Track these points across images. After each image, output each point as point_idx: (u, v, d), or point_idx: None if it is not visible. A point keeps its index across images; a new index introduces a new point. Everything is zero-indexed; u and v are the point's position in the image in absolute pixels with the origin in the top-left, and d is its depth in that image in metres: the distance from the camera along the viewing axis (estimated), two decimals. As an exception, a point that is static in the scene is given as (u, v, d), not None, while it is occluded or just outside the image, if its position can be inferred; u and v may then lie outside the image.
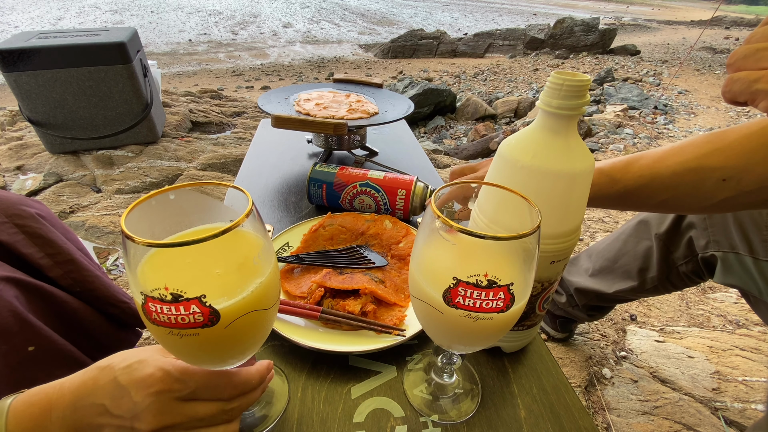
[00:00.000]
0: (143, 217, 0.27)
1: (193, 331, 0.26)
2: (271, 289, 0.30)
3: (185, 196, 0.30)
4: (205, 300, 0.25)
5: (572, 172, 0.33)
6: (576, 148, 0.34)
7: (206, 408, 0.32)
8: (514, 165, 0.35)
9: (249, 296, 0.28)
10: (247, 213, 0.27)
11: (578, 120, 0.34)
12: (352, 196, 0.68)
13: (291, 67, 6.68)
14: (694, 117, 3.48)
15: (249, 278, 0.28)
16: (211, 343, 0.28)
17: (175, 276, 0.25)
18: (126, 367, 0.30)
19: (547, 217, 0.31)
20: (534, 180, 0.34)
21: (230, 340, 0.29)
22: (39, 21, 9.41)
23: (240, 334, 0.29)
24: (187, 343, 0.27)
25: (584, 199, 0.36)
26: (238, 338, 0.29)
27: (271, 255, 0.31)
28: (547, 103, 0.32)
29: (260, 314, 0.29)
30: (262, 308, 0.29)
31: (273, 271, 0.31)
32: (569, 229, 0.36)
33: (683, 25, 12.59)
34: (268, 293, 0.30)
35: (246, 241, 0.28)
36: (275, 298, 0.32)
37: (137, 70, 1.65)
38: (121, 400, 0.29)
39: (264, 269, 0.29)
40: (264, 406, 0.41)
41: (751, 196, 0.42)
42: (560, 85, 0.31)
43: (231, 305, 0.27)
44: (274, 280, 0.31)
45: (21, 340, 0.43)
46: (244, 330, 0.29)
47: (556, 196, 0.34)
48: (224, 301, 0.26)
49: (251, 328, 0.30)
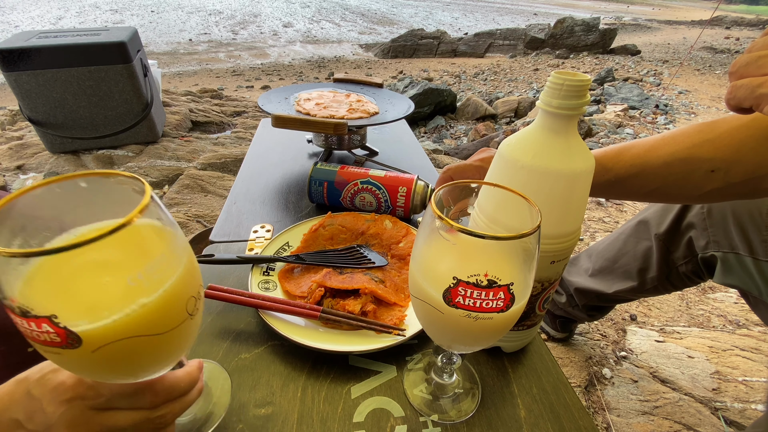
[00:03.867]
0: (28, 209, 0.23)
1: (54, 350, 0.22)
2: (167, 312, 0.25)
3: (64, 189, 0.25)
4: (57, 320, 0.21)
5: (572, 172, 0.33)
6: (576, 148, 0.34)
7: (127, 417, 0.29)
8: (514, 165, 0.35)
9: (123, 321, 0.23)
10: (130, 216, 0.21)
11: (579, 120, 0.34)
12: (353, 193, 0.68)
13: (291, 67, 6.68)
14: (694, 117, 3.47)
15: (122, 299, 0.23)
16: (82, 364, 0.24)
17: (24, 286, 0.21)
18: (40, 378, 0.29)
19: (547, 217, 0.31)
20: (534, 180, 0.34)
21: (109, 365, 0.25)
22: (39, 20, 9.41)
23: (120, 359, 0.24)
24: (57, 360, 0.24)
25: (584, 199, 0.36)
26: (120, 363, 0.25)
27: (173, 267, 0.25)
28: (548, 103, 0.32)
29: (148, 340, 0.24)
30: (148, 334, 0.24)
31: (173, 290, 0.25)
32: (569, 230, 0.36)
33: (683, 24, 12.59)
34: (157, 317, 0.24)
35: (124, 252, 0.23)
36: (177, 320, 0.26)
37: (137, 70, 1.65)
38: (35, 413, 0.28)
39: (150, 288, 0.24)
40: (205, 406, 0.39)
41: (738, 188, 0.42)
42: (560, 85, 0.31)
43: (94, 329, 0.22)
44: (172, 301, 0.25)
45: (20, 341, 0.43)
46: (124, 356, 0.24)
47: (556, 196, 0.34)
48: (84, 324, 0.22)
49: (137, 355, 0.25)
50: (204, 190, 1.58)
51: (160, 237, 0.25)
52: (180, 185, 1.59)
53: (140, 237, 0.23)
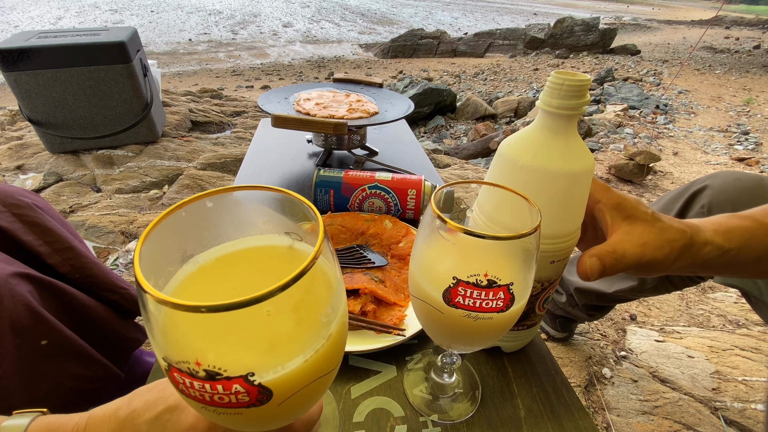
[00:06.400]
0: (164, 237, 0.20)
1: (235, 410, 0.19)
2: (342, 340, 0.23)
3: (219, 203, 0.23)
4: (253, 378, 0.18)
5: (572, 172, 0.33)
6: (576, 148, 0.34)
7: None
8: (514, 165, 0.35)
9: (314, 361, 0.20)
10: (319, 243, 0.19)
11: (578, 120, 0.34)
12: (362, 199, 0.68)
13: (291, 67, 6.67)
14: (694, 117, 3.48)
15: (315, 338, 0.20)
16: (258, 421, 0.22)
17: (210, 343, 0.18)
18: (154, 419, 0.25)
19: (546, 217, 0.31)
20: (534, 180, 0.34)
21: (282, 416, 0.22)
22: (39, 20, 9.41)
23: (296, 407, 0.22)
24: (225, 420, 0.21)
25: (584, 199, 0.36)
26: (293, 412, 0.23)
27: (342, 292, 0.23)
28: (547, 103, 0.32)
29: (322, 381, 0.22)
30: (327, 372, 0.22)
31: (342, 318, 0.23)
32: (569, 230, 0.36)
33: (683, 24, 12.59)
34: (338, 348, 0.22)
35: (313, 286, 0.20)
36: (344, 347, 0.24)
37: (137, 70, 1.65)
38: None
39: (335, 318, 0.22)
40: None
41: None
42: (560, 85, 0.31)
43: (289, 379, 0.19)
44: (344, 328, 0.23)
45: (34, 334, 0.44)
46: (301, 402, 0.22)
47: (555, 195, 0.34)
48: (280, 374, 0.19)
49: (311, 398, 0.23)
50: (204, 190, 1.58)
51: (331, 263, 0.22)
52: (180, 185, 1.59)
53: (321, 263, 0.20)
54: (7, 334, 0.41)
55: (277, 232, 0.25)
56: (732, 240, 0.37)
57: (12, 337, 0.41)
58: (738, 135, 3.00)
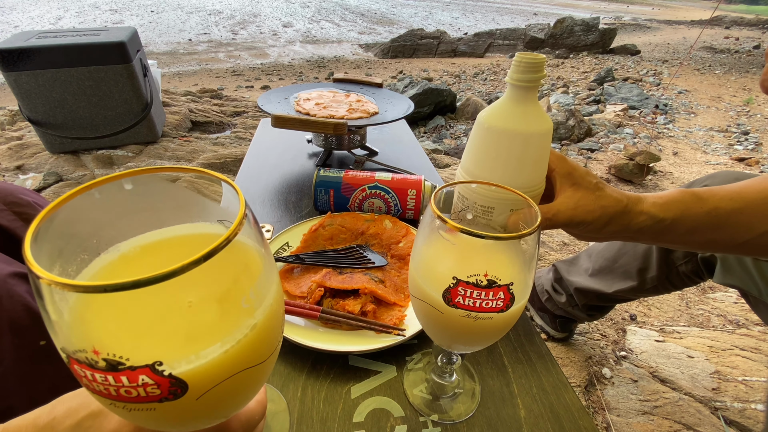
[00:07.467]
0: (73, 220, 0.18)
1: (147, 406, 0.18)
2: (271, 332, 0.21)
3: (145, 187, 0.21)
4: (161, 368, 0.17)
5: (530, 132, 0.39)
6: (534, 113, 0.40)
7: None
8: (484, 128, 0.41)
9: (235, 351, 0.19)
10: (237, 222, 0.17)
11: (537, 90, 0.40)
12: (362, 199, 0.68)
13: (291, 67, 6.67)
14: (694, 117, 3.48)
15: (235, 326, 0.19)
16: (178, 418, 0.20)
17: (108, 329, 0.17)
18: (75, 426, 0.23)
19: (509, 170, 0.40)
20: (500, 139, 0.40)
21: (206, 413, 0.20)
22: (39, 20, 9.40)
23: (220, 402, 0.20)
24: (140, 418, 0.19)
25: (543, 158, 0.41)
26: (218, 408, 0.21)
27: (272, 280, 0.22)
28: (511, 77, 0.39)
29: (249, 373, 0.20)
30: (255, 364, 0.20)
31: (274, 306, 0.21)
32: (528, 183, 0.41)
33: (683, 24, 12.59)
34: (265, 339, 0.21)
35: (229, 268, 0.18)
36: (277, 340, 0.23)
37: (137, 70, 1.65)
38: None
39: (260, 305, 0.20)
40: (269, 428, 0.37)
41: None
42: (519, 62, 0.38)
43: (206, 370, 0.18)
44: (274, 319, 0.21)
45: (33, 335, 0.44)
46: (225, 397, 0.20)
47: (514, 151, 0.40)
48: (194, 365, 0.17)
49: (238, 393, 0.21)
50: (204, 190, 1.58)
51: (258, 244, 0.20)
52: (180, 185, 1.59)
53: (243, 245, 0.19)
54: (6, 334, 0.41)
55: (210, 221, 0.24)
56: (668, 211, 0.42)
57: (11, 338, 0.41)
58: (738, 135, 3.00)
